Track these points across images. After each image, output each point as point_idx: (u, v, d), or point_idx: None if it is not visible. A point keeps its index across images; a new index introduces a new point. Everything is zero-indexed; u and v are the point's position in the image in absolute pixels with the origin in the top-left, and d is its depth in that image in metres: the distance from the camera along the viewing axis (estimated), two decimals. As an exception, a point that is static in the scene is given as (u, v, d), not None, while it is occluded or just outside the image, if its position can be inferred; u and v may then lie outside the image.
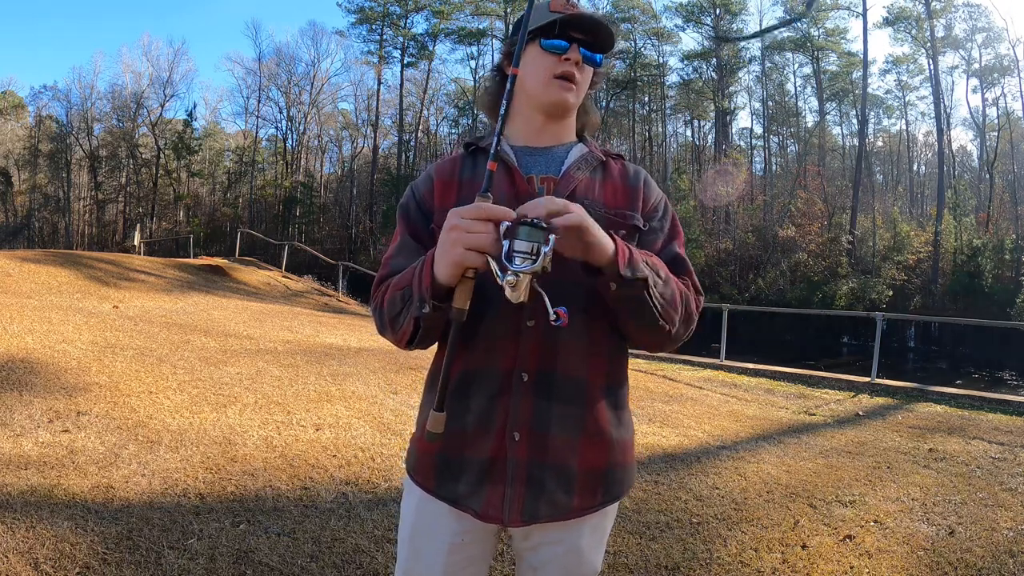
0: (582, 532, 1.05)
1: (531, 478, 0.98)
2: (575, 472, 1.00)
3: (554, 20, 1.02)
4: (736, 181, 28.97)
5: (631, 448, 1.09)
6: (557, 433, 0.98)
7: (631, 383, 1.17)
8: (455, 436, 1.00)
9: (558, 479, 0.99)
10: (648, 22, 34.68)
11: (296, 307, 11.13)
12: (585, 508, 1.02)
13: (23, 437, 3.19)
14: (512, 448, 0.98)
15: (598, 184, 1.06)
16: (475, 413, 0.99)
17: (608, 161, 1.10)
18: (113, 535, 2.32)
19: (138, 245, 21.84)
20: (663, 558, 2.54)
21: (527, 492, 0.98)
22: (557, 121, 1.08)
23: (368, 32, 37.98)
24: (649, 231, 1.07)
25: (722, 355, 8.60)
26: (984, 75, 30.36)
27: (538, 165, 1.06)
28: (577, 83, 1.04)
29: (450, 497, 1.02)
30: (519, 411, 0.98)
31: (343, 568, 2.29)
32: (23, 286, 8.66)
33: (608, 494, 1.05)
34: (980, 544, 2.80)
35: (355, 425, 4.00)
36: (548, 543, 1.05)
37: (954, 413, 5.83)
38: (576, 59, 1.03)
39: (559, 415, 0.99)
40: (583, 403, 1.00)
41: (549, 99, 1.04)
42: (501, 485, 0.99)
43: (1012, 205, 27.65)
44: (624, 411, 1.08)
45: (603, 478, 1.03)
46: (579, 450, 1.00)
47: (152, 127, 39.39)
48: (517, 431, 0.98)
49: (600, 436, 1.02)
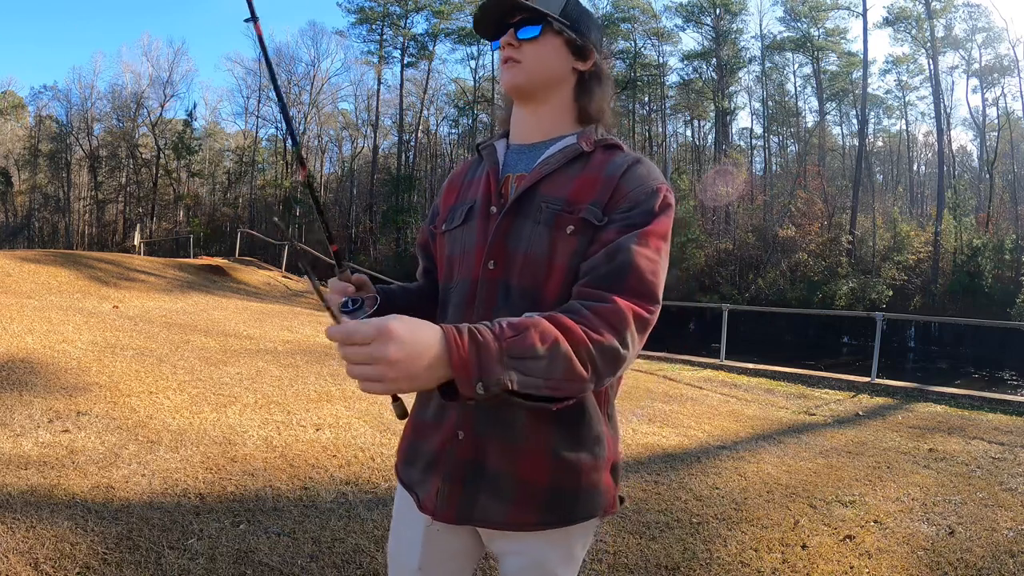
0: (546, 549, 1.00)
1: (467, 479, 0.98)
2: (512, 483, 0.96)
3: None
4: (736, 181, 28.97)
5: (595, 471, 0.98)
6: (497, 440, 0.96)
7: (631, 384, 1.15)
8: (419, 425, 1.07)
9: (494, 486, 0.96)
10: (648, 22, 34.70)
11: (296, 307, 11.13)
12: (521, 524, 0.96)
13: (23, 437, 3.19)
14: (455, 445, 0.99)
15: (569, 178, 0.99)
16: (434, 406, 1.04)
17: (596, 152, 1.01)
18: (113, 535, 2.32)
19: (138, 245, 21.85)
20: (663, 558, 2.54)
21: (462, 492, 0.98)
22: (534, 107, 1.05)
23: (368, 32, 38.03)
24: (608, 223, 0.94)
25: (722, 355, 8.60)
26: (984, 75, 30.37)
27: (521, 163, 1.06)
28: (519, 60, 1.02)
29: (406, 481, 1.08)
30: (465, 412, 0.98)
31: (343, 568, 2.29)
32: (23, 286, 8.66)
33: (551, 515, 0.96)
34: (980, 544, 2.80)
35: (355, 425, 4.00)
36: (511, 553, 1.02)
37: (954, 413, 5.83)
38: (506, 42, 1.02)
39: (502, 422, 0.96)
40: (525, 414, 0.95)
41: (502, 84, 1.06)
42: (439, 480, 1.00)
43: (1012, 205, 27.65)
44: (587, 429, 0.97)
45: (545, 496, 0.96)
46: (517, 461, 0.96)
47: (152, 127, 39.40)
48: (462, 430, 0.98)
49: (541, 451, 0.95)
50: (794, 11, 31.87)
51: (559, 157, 1.01)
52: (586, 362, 0.79)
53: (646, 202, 0.94)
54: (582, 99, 1.05)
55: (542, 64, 1.02)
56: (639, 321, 0.86)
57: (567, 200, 0.97)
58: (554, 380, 0.77)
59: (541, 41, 1.01)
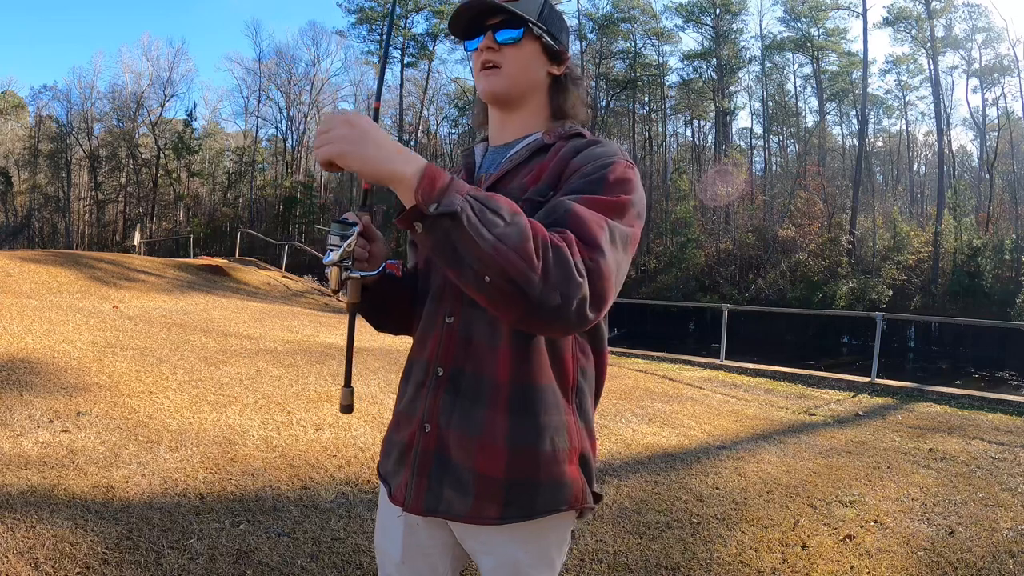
0: (515, 547, 0.99)
1: (432, 471, 0.99)
2: (472, 475, 0.96)
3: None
4: (736, 181, 28.98)
5: (556, 463, 0.96)
6: (458, 432, 0.97)
7: (631, 383, 1.15)
8: (396, 417, 1.09)
9: (455, 478, 0.97)
10: (648, 22, 34.69)
11: (296, 307, 11.13)
12: (483, 517, 0.95)
13: (23, 437, 3.19)
14: (422, 438, 1.00)
15: (530, 169, 1.00)
16: (406, 399, 1.06)
17: (557, 143, 1.01)
18: (113, 535, 2.32)
19: (138, 245, 21.85)
20: (663, 558, 2.54)
21: (427, 484, 0.99)
22: (510, 112, 1.06)
23: (368, 32, 38.03)
24: (553, 195, 0.92)
25: (722, 355, 8.60)
26: (984, 75, 30.37)
27: (495, 163, 1.07)
28: (500, 64, 1.01)
29: (382, 473, 1.10)
30: (431, 404, 1.00)
31: (343, 568, 2.29)
32: (23, 286, 8.66)
33: (511, 508, 0.95)
34: (980, 544, 2.80)
35: (355, 425, 4.00)
36: (482, 553, 1.02)
37: (954, 413, 5.83)
38: (485, 45, 1.01)
39: (462, 413, 0.97)
40: (484, 404, 0.95)
41: (481, 91, 1.05)
42: (408, 471, 1.02)
43: (1012, 205, 27.63)
44: (545, 417, 0.95)
45: (503, 489, 0.94)
46: (474, 453, 0.95)
47: (152, 127, 39.42)
48: (429, 423, 1.00)
49: (494, 441, 0.94)
50: (794, 11, 31.86)
51: (523, 152, 1.03)
52: (540, 252, 0.76)
53: (595, 173, 0.90)
54: (556, 102, 1.06)
55: (522, 69, 1.02)
56: (587, 261, 0.79)
57: (524, 188, 0.98)
58: (503, 243, 0.74)
59: (521, 45, 1.00)
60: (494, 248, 0.74)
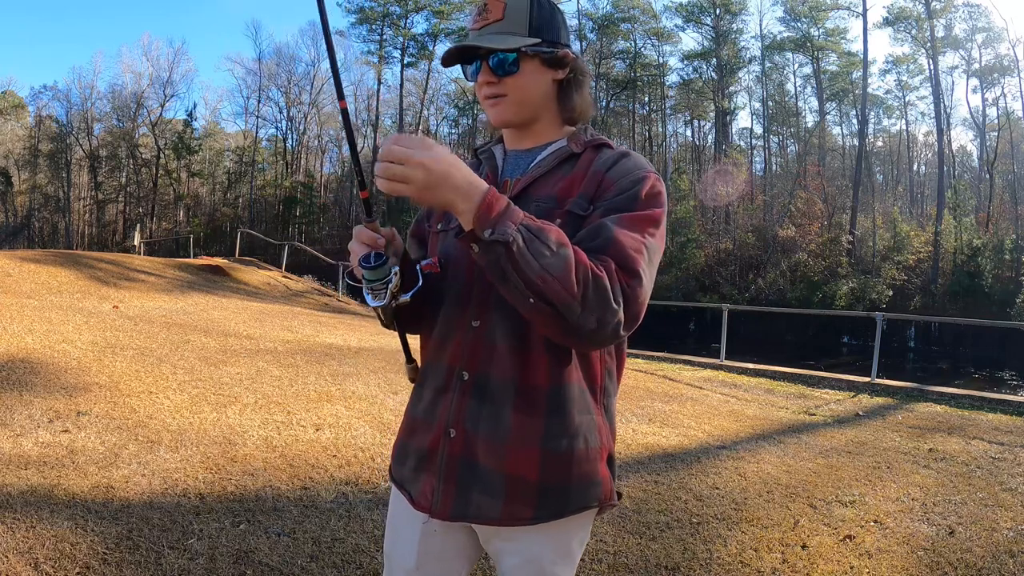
0: (542, 544, 1.01)
1: (460, 476, 0.99)
2: (502, 478, 0.97)
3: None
4: (736, 181, 28.98)
5: (588, 461, 0.99)
6: (486, 436, 0.97)
7: (631, 384, 1.16)
8: (410, 422, 1.09)
9: (485, 482, 0.98)
10: (648, 22, 34.71)
11: (296, 307, 11.14)
12: (517, 519, 0.97)
13: (23, 437, 3.19)
14: (447, 443, 1.00)
15: (560, 178, 1.01)
16: (424, 404, 1.06)
17: (585, 151, 1.03)
18: (113, 535, 2.32)
19: (138, 245, 21.86)
20: (663, 558, 2.54)
21: (456, 489, 0.99)
22: (526, 128, 1.07)
23: (368, 32, 38.06)
24: (593, 211, 0.95)
25: (722, 355, 8.60)
26: (984, 75, 30.39)
27: (518, 168, 1.07)
28: (504, 94, 1.02)
29: (398, 479, 1.10)
30: (456, 409, 1.00)
31: (343, 568, 2.29)
32: (23, 286, 8.66)
33: (545, 509, 0.97)
34: (980, 544, 2.80)
35: (355, 425, 4.00)
36: (506, 552, 1.02)
37: (954, 413, 5.83)
38: (484, 80, 1.02)
39: (489, 417, 0.98)
40: (512, 408, 0.97)
41: (492, 122, 1.07)
42: (433, 477, 1.01)
43: (1012, 205, 27.64)
44: (578, 417, 0.98)
45: (536, 490, 0.97)
46: (505, 456, 0.97)
47: (152, 127, 39.43)
48: (454, 428, 1.00)
49: (526, 444, 0.96)
50: (794, 11, 31.88)
51: (551, 159, 1.04)
52: (581, 282, 0.82)
53: (631, 189, 0.95)
54: (565, 104, 1.06)
55: (527, 94, 1.02)
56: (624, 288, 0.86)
57: (556, 198, 0.99)
58: (548, 273, 0.81)
59: (520, 71, 1.00)
60: (539, 276, 0.81)
